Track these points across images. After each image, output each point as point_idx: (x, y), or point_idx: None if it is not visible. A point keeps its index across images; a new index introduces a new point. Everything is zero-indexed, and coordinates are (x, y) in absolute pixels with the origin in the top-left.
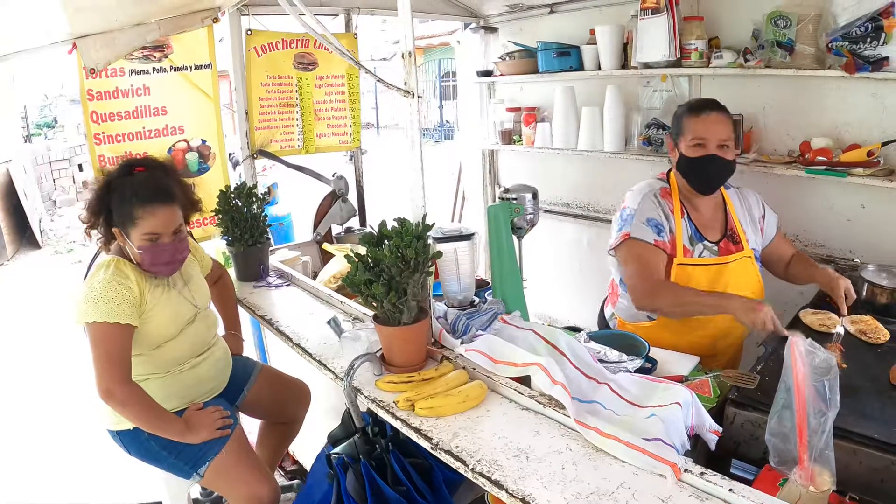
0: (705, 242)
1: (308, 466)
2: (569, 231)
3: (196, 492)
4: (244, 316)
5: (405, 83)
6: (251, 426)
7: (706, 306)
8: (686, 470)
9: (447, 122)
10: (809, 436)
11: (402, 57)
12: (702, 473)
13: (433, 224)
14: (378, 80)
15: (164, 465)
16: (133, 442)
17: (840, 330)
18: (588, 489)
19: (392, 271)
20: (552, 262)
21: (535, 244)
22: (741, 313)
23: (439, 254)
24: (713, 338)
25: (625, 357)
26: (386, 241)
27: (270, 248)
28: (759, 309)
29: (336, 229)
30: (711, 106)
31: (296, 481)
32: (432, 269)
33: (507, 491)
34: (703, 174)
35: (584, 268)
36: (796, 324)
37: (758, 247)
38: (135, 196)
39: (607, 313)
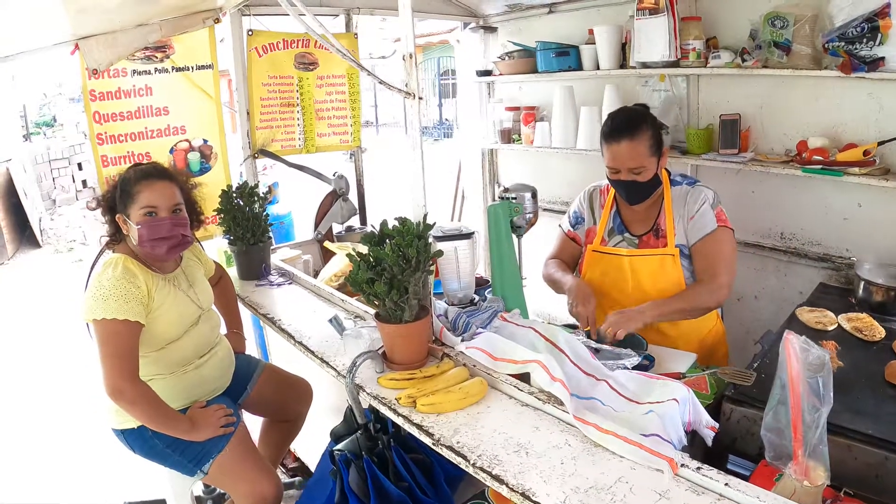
0: (626, 234)
1: (309, 463)
2: None
3: (198, 489)
4: (245, 314)
5: (406, 84)
6: (254, 424)
7: (556, 282)
8: (683, 465)
9: (447, 120)
10: (804, 431)
11: (403, 58)
12: (698, 468)
13: (434, 223)
14: (379, 82)
15: (168, 462)
16: (137, 440)
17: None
18: (586, 483)
19: (394, 270)
20: None
21: (534, 242)
22: (570, 297)
23: (440, 252)
24: (698, 333)
25: (623, 353)
26: (387, 241)
27: (272, 247)
28: (584, 302)
29: (337, 228)
30: (622, 132)
31: (297, 478)
32: (433, 267)
33: (507, 485)
34: (622, 193)
35: None
36: (793, 321)
37: (686, 244)
38: (134, 176)
39: None
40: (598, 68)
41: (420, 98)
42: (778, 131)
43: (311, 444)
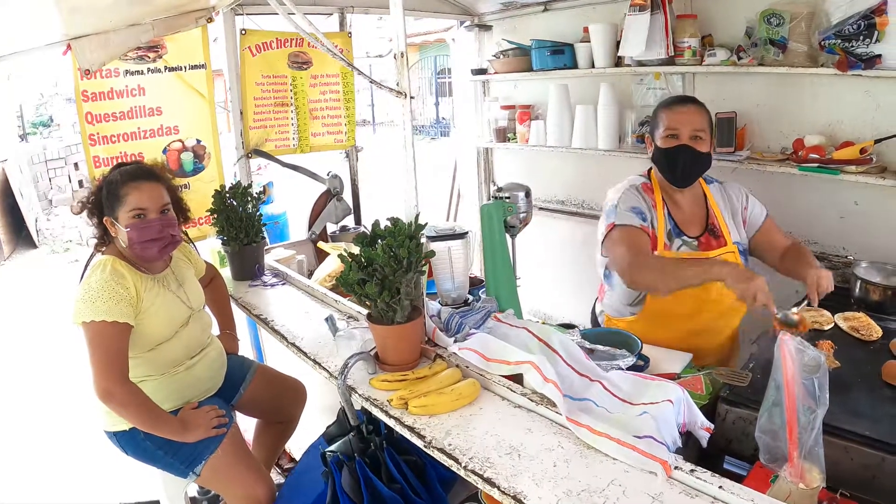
0: (684, 238)
1: None
2: (563, 229)
3: (193, 490)
4: (240, 315)
5: (397, 83)
6: (247, 425)
7: (696, 276)
8: (677, 467)
9: (443, 118)
10: (799, 433)
11: (395, 57)
12: (692, 471)
13: (426, 224)
14: (370, 81)
15: (160, 464)
16: (130, 442)
17: (794, 310)
18: (579, 486)
19: (385, 271)
20: (547, 259)
21: (529, 242)
22: (731, 280)
23: (432, 253)
24: (698, 334)
25: (617, 353)
26: (379, 241)
27: (266, 247)
28: (752, 278)
29: (331, 228)
30: (687, 100)
31: None
32: (425, 268)
33: (499, 489)
34: (677, 164)
35: (579, 265)
36: None
37: (742, 240)
38: (120, 178)
39: (598, 311)
40: (593, 66)
41: (411, 97)
42: (774, 129)
43: (305, 445)
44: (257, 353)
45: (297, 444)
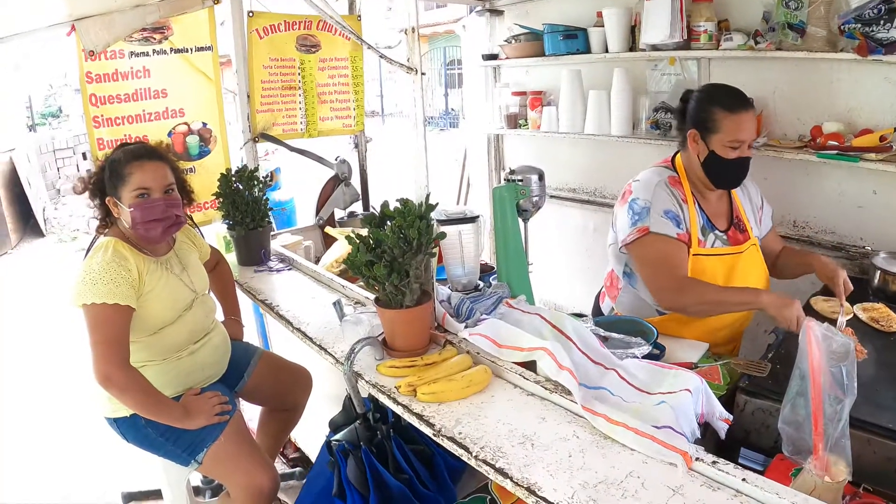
0: (716, 232)
1: (310, 454)
2: (575, 216)
3: (196, 479)
4: (245, 301)
5: (408, 59)
6: (252, 413)
7: (735, 304)
8: (698, 458)
9: (452, 110)
10: (825, 424)
11: (406, 33)
12: (714, 462)
13: (436, 204)
14: (380, 56)
15: (161, 452)
16: (130, 429)
17: (843, 319)
18: (596, 478)
19: (394, 252)
20: (557, 247)
21: (540, 229)
22: (773, 310)
23: (443, 234)
24: (715, 329)
25: (632, 341)
26: (388, 222)
27: (272, 233)
28: (790, 304)
29: (339, 214)
30: (745, 103)
31: (297, 469)
32: (436, 250)
33: (511, 479)
34: (734, 175)
35: (590, 254)
36: (807, 312)
37: (760, 235)
38: (123, 157)
39: (605, 307)
40: (606, 51)
41: (423, 73)
42: (791, 116)
43: (312, 434)
44: (262, 339)
45: (304, 434)
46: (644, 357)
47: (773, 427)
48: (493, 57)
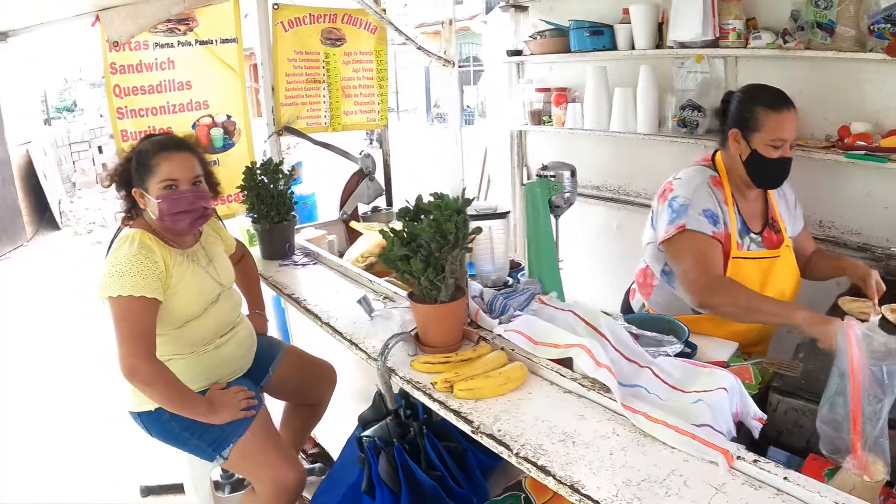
0: (751, 235)
1: (330, 449)
2: (598, 214)
3: (216, 473)
4: (268, 295)
5: (444, 51)
6: (274, 408)
7: (768, 314)
8: (739, 457)
9: (467, 106)
10: (863, 423)
11: (442, 24)
12: (755, 461)
13: (474, 198)
14: (417, 48)
15: (186, 447)
16: (155, 423)
17: (874, 319)
18: (638, 476)
19: (431, 247)
20: (580, 245)
21: (562, 227)
22: (811, 327)
23: (479, 230)
24: (746, 330)
25: (664, 339)
26: (423, 216)
27: (296, 227)
28: (829, 322)
29: (362, 209)
30: (787, 102)
31: (317, 465)
32: (471, 245)
33: (554, 477)
34: (775, 175)
35: (613, 252)
36: (835, 312)
37: (793, 235)
38: (151, 148)
39: (635, 304)
40: (632, 48)
41: (459, 66)
42: (818, 116)
43: (332, 430)
44: (283, 334)
45: (324, 429)
46: (676, 355)
47: (805, 427)
48: (518, 53)
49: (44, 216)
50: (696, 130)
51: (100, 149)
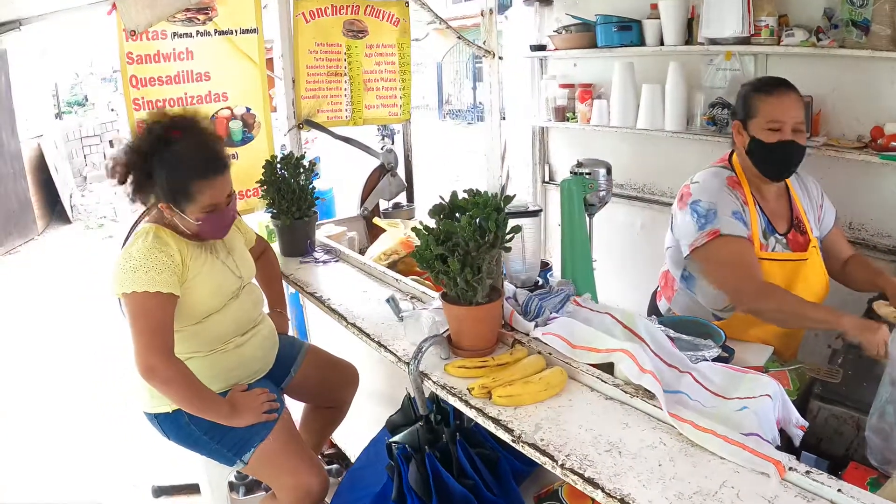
0: (776, 236)
1: (347, 451)
2: (621, 213)
3: (231, 475)
4: (286, 292)
5: (484, 42)
6: (294, 409)
7: (814, 320)
8: (791, 468)
9: (480, 103)
10: None
11: (482, 14)
12: (808, 472)
13: (514, 195)
14: (458, 37)
15: (205, 450)
16: (172, 426)
17: None
18: (690, 488)
19: (469, 245)
20: (603, 245)
21: (604, 224)
22: (856, 332)
23: (518, 228)
24: (775, 334)
25: (702, 343)
26: (458, 214)
27: (316, 223)
28: (876, 329)
29: (383, 205)
30: (784, 85)
31: (334, 465)
32: (510, 244)
33: (602, 490)
34: (780, 161)
35: (637, 251)
36: (869, 316)
37: (820, 235)
38: (187, 170)
39: (662, 307)
40: (661, 44)
41: (500, 57)
42: (850, 116)
43: (349, 431)
44: (301, 333)
45: (340, 430)
46: (713, 360)
47: (846, 434)
48: (542, 48)
49: (55, 210)
50: (725, 129)
51: (111, 143)
